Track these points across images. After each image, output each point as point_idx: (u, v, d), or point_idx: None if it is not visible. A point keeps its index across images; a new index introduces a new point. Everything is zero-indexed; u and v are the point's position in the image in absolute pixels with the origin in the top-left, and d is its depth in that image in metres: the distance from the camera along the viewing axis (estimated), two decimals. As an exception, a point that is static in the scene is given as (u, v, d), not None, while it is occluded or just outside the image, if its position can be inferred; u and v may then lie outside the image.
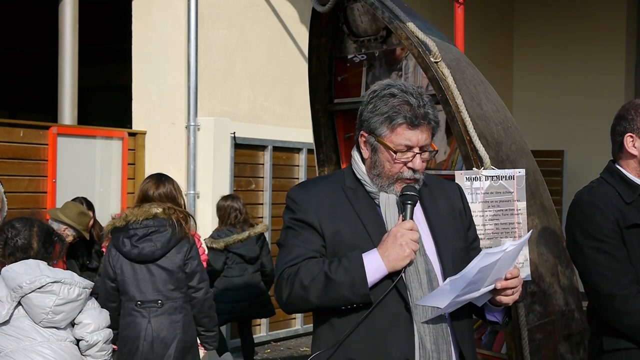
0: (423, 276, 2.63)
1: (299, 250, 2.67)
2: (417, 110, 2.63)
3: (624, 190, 3.18)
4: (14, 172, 7.32)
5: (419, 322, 2.60)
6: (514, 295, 2.65)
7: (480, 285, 2.56)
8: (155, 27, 8.59)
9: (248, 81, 9.05)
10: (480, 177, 3.80)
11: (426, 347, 2.59)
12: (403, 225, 2.59)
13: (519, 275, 2.64)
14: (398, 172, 2.67)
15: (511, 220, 3.83)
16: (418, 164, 2.66)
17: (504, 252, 2.52)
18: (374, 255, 2.59)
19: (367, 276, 2.56)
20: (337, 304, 2.62)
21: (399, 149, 2.65)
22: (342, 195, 2.73)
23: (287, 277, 2.65)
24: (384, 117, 2.66)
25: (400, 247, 2.56)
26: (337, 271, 2.57)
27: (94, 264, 7.24)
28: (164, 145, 8.54)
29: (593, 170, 11.53)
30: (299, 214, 2.72)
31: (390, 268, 2.58)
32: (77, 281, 3.65)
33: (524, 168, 3.92)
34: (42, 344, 3.50)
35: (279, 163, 9.32)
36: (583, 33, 12.65)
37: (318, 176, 3.19)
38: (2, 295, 3.51)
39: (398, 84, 2.71)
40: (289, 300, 2.66)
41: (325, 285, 2.58)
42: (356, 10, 4.66)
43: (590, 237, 3.14)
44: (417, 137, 2.65)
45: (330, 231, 2.67)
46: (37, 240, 3.67)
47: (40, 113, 13.28)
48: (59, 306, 3.54)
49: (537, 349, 3.93)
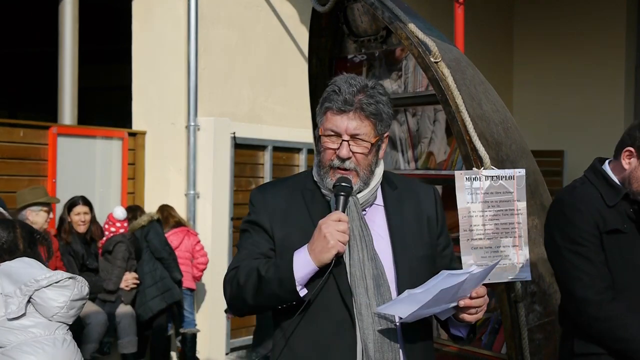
0: (369, 282, 2.55)
1: (244, 253, 2.65)
2: (346, 97, 2.58)
3: (606, 193, 3.14)
4: (14, 172, 7.32)
5: (364, 328, 2.53)
6: (478, 315, 2.59)
7: (442, 302, 2.52)
8: (155, 27, 8.59)
9: (248, 81, 9.05)
10: (480, 177, 3.80)
11: (369, 355, 2.52)
12: (330, 216, 2.51)
13: (484, 295, 2.58)
14: (329, 160, 2.62)
15: (511, 220, 3.83)
16: (344, 152, 2.58)
17: (469, 275, 2.48)
18: (302, 251, 2.53)
19: (296, 271, 2.49)
20: (272, 302, 2.58)
21: (326, 134, 2.61)
22: (300, 197, 2.69)
23: (229, 279, 2.63)
24: (319, 105, 2.67)
25: (324, 239, 2.47)
26: (268, 269, 2.53)
27: (93, 264, 7.26)
28: (164, 145, 8.54)
29: (593, 170, 11.09)
30: (253, 216, 2.69)
31: (317, 261, 2.50)
32: (84, 280, 3.67)
33: (524, 168, 3.92)
34: (48, 340, 3.51)
35: (279, 163, 9.32)
36: (583, 33, 12.65)
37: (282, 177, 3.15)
38: (10, 291, 3.50)
39: (347, 75, 2.68)
40: (230, 301, 2.65)
41: (258, 284, 2.54)
42: (356, 10, 4.66)
43: (569, 239, 3.11)
44: (344, 123, 2.58)
45: (281, 235, 2.64)
46: (22, 240, 3.67)
47: (40, 113, 13.27)
48: (75, 301, 3.55)
49: (537, 349, 3.93)
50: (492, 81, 4.52)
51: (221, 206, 8.63)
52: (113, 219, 7.47)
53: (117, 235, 7.38)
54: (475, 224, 3.71)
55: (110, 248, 7.32)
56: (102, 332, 7.07)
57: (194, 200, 8.45)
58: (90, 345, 6.96)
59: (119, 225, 7.45)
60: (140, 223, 7.57)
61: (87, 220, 7.05)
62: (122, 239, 7.36)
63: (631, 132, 3.19)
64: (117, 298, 7.32)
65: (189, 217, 8.43)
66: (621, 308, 3.04)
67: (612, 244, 3.08)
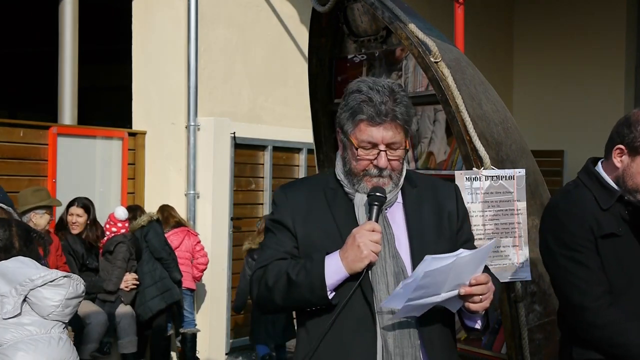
0: (391, 279, 2.59)
1: (270, 252, 2.69)
2: (379, 107, 2.59)
3: (600, 196, 3.08)
4: (14, 172, 7.32)
5: (384, 325, 2.57)
6: (483, 303, 2.57)
7: (438, 290, 2.51)
8: (155, 27, 8.59)
9: (248, 81, 9.05)
10: (480, 177, 3.80)
11: (389, 351, 2.55)
12: (364, 226, 2.56)
13: (487, 282, 2.56)
14: (364, 169, 2.64)
15: (511, 220, 3.83)
16: (383, 162, 2.62)
17: (456, 257, 2.46)
18: (334, 257, 2.57)
19: (327, 278, 2.54)
20: (301, 305, 2.63)
21: (361, 146, 2.62)
22: (322, 196, 2.72)
23: (257, 278, 2.67)
24: (349, 113, 2.64)
25: (358, 249, 2.52)
26: (298, 273, 2.57)
27: (93, 264, 7.26)
28: (164, 145, 8.54)
29: (593, 170, 11.02)
30: (276, 215, 2.73)
31: (349, 270, 2.55)
32: (80, 278, 3.67)
33: (524, 168, 3.92)
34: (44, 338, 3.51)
35: (279, 163, 9.32)
36: (583, 33, 12.65)
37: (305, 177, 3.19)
38: (5, 291, 3.50)
39: (369, 80, 2.67)
40: (257, 301, 2.70)
41: (288, 287, 2.59)
42: (356, 10, 4.66)
43: (564, 245, 3.06)
44: (380, 134, 2.60)
45: (303, 233, 2.67)
46: (18, 239, 3.67)
47: (40, 113, 13.26)
48: (70, 299, 3.55)
49: (537, 349, 3.93)
50: (492, 81, 4.52)
51: (221, 206, 8.63)
52: (114, 219, 7.46)
53: (118, 235, 7.38)
54: (475, 224, 3.71)
55: (111, 248, 7.32)
56: (102, 332, 7.07)
57: (194, 200, 8.45)
58: (90, 345, 6.96)
59: (120, 225, 7.45)
60: (140, 223, 7.57)
61: (80, 222, 7.05)
62: (123, 240, 7.36)
63: (619, 130, 3.13)
64: (117, 298, 7.32)
65: (189, 217, 8.43)
66: (619, 313, 3.00)
67: (608, 248, 3.03)
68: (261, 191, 9.20)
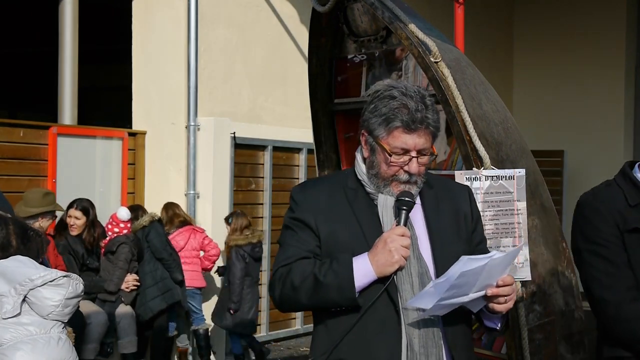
0: (415, 279, 2.62)
1: (293, 250, 2.69)
2: (414, 115, 2.62)
3: (630, 192, 3.09)
4: (14, 172, 7.32)
5: (408, 324, 2.60)
6: (508, 304, 2.63)
7: (468, 290, 2.54)
8: (155, 27, 8.59)
9: (248, 81, 9.05)
10: (480, 177, 3.80)
11: (414, 349, 2.58)
12: (395, 231, 2.59)
13: (512, 283, 2.62)
14: (394, 174, 2.67)
15: (511, 220, 3.83)
16: (414, 168, 2.65)
17: (489, 259, 2.50)
18: (363, 260, 2.59)
19: (356, 280, 2.57)
20: (326, 306, 2.64)
21: (394, 152, 2.65)
22: (342, 195, 2.73)
23: (280, 277, 2.67)
24: (382, 118, 2.66)
25: (389, 253, 2.56)
26: (326, 274, 2.59)
27: (94, 264, 7.26)
28: (164, 145, 8.54)
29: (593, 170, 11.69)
30: (297, 213, 2.73)
31: (379, 273, 2.58)
32: (79, 278, 3.67)
33: (524, 168, 3.92)
34: (43, 338, 3.51)
35: (279, 163, 9.33)
36: (583, 33, 12.66)
37: (322, 176, 3.20)
38: (4, 291, 3.50)
39: (400, 85, 2.70)
40: (280, 300, 2.70)
41: (314, 287, 2.60)
42: (356, 10, 4.66)
43: (589, 241, 3.07)
44: (413, 141, 2.63)
45: (326, 232, 2.68)
46: (15, 237, 3.67)
47: (40, 113, 13.27)
48: (70, 299, 3.55)
49: (537, 349, 3.93)
50: (492, 81, 4.52)
51: (221, 206, 8.63)
52: (117, 220, 7.47)
53: (121, 236, 7.39)
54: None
55: (113, 249, 7.32)
56: (103, 332, 7.07)
57: (194, 200, 8.45)
58: (90, 345, 6.95)
59: (122, 226, 7.45)
60: (141, 223, 7.58)
61: (79, 224, 7.05)
62: (126, 241, 7.36)
63: None
64: (117, 298, 7.33)
65: (189, 217, 8.44)
66: None
67: (635, 244, 3.02)
68: (261, 191, 9.20)
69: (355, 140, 4.93)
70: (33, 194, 6.55)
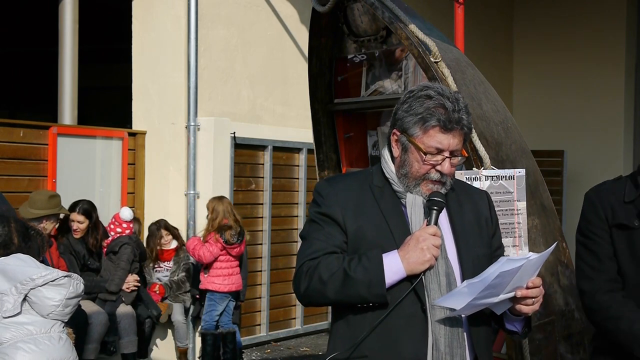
0: (442, 279, 2.64)
1: (320, 244, 2.69)
2: (451, 115, 2.64)
3: (629, 189, 3.13)
4: (14, 172, 7.32)
5: (435, 323, 2.61)
6: (534, 306, 2.65)
7: (500, 291, 2.56)
8: (155, 27, 8.59)
9: (248, 81, 9.05)
10: (480, 177, 3.80)
11: (440, 349, 2.60)
12: (427, 229, 2.61)
13: (540, 285, 2.64)
14: (426, 173, 2.68)
15: (511, 220, 3.83)
16: (447, 168, 2.67)
17: (526, 260, 2.52)
18: (394, 257, 2.60)
19: (386, 277, 2.58)
20: (354, 301, 2.63)
21: (429, 151, 2.66)
22: (369, 192, 2.74)
23: (307, 270, 2.67)
24: (418, 117, 2.67)
25: (422, 252, 2.58)
26: (356, 269, 2.59)
27: (94, 264, 7.26)
28: (164, 145, 8.54)
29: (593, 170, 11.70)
30: (324, 208, 2.73)
31: (409, 271, 2.60)
32: (80, 278, 3.68)
33: (524, 168, 3.93)
34: (43, 337, 3.51)
35: (279, 163, 9.32)
36: (583, 33, 12.65)
37: (346, 172, 3.17)
38: (5, 289, 3.50)
39: (436, 86, 2.72)
40: (306, 293, 2.69)
41: (343, 283, 2.60)
42: (356, 10, 4.66)
43: (581, 233, 3.17)
44: (448, 141, 2.65)
45: (354, 227, 2.69)
46: (17, 235, 3.67)
47: (40, 113, 13.26)
48: (70, 299, 3.56)
49: (537, 349, 3.93)
50: (492, 81, 4.52)
51: (221, 206, 8.62)
52: (119, 220, 7.47)
53: (124, 236, 7.39)
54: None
55: (116, 249, 7.32)
56: (103, 332, 7.07)
57: (194, 200, 8.45)
58: (91, 345, 6.95)
59: (125, 226, 7.46)
60: None
61: (82, 228, 7.06)
62: (129, 241, 7.36)
63: None
64: (118, 298, 7.33)
65: (189, 217, 8.43)
66: (617, 300, 3.04)
67: (621, 239, 3.08)
68: (261, 191, 9.20)
69: (355, 140, 4.93)
70: (39, 196, 6.53)
